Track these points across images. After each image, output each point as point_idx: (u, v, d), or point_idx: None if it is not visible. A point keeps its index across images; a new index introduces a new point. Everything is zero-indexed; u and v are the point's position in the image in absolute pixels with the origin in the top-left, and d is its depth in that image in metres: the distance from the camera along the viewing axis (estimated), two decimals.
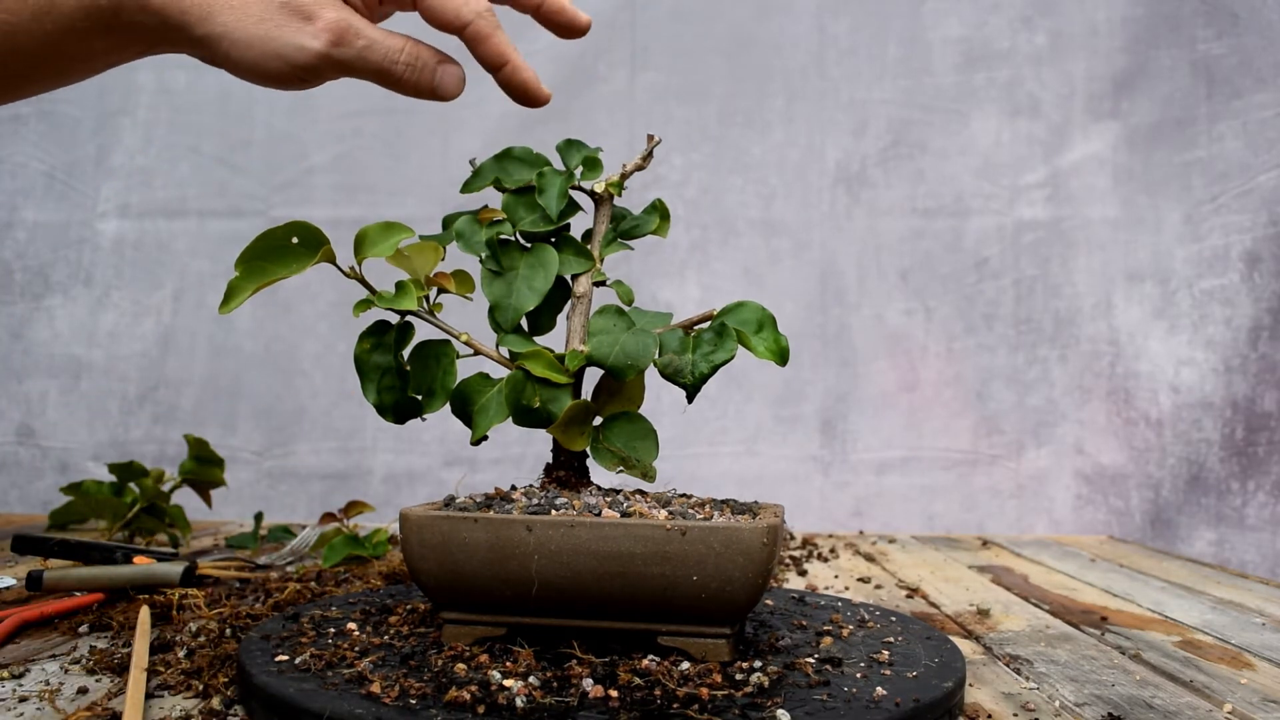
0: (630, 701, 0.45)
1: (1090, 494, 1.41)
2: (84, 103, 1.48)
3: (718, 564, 0.49)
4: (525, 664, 0.50)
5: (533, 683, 0.46)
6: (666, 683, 0.47)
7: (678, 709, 0.44)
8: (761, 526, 0.50)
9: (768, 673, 0.49)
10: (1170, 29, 1.40)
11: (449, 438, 1.45)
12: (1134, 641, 0.70)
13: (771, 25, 1.47)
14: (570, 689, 0.46)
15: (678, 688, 0.47)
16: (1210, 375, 1.37)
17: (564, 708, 0.44)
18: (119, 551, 0.82)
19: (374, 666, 0.49)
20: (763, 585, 0.51)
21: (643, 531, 0.50)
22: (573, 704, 0.44)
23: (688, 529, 0.50)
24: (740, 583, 0.50)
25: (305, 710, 0.44)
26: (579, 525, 0.50)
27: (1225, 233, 1.37)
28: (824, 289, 1.46)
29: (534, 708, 0.44)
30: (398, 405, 0.59)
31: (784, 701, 0.45)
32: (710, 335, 0.58)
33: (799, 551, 1.10)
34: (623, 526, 0.50)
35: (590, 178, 0.61)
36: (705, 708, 0.44)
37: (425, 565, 0.52)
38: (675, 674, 0.49)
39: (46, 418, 1.47)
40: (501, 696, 0.45)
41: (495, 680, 0.47)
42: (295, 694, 0.45)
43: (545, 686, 0.47)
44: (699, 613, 0.51)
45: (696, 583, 0.50)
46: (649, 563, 0.50)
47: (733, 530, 0.49)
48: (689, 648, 0.51)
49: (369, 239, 0.58)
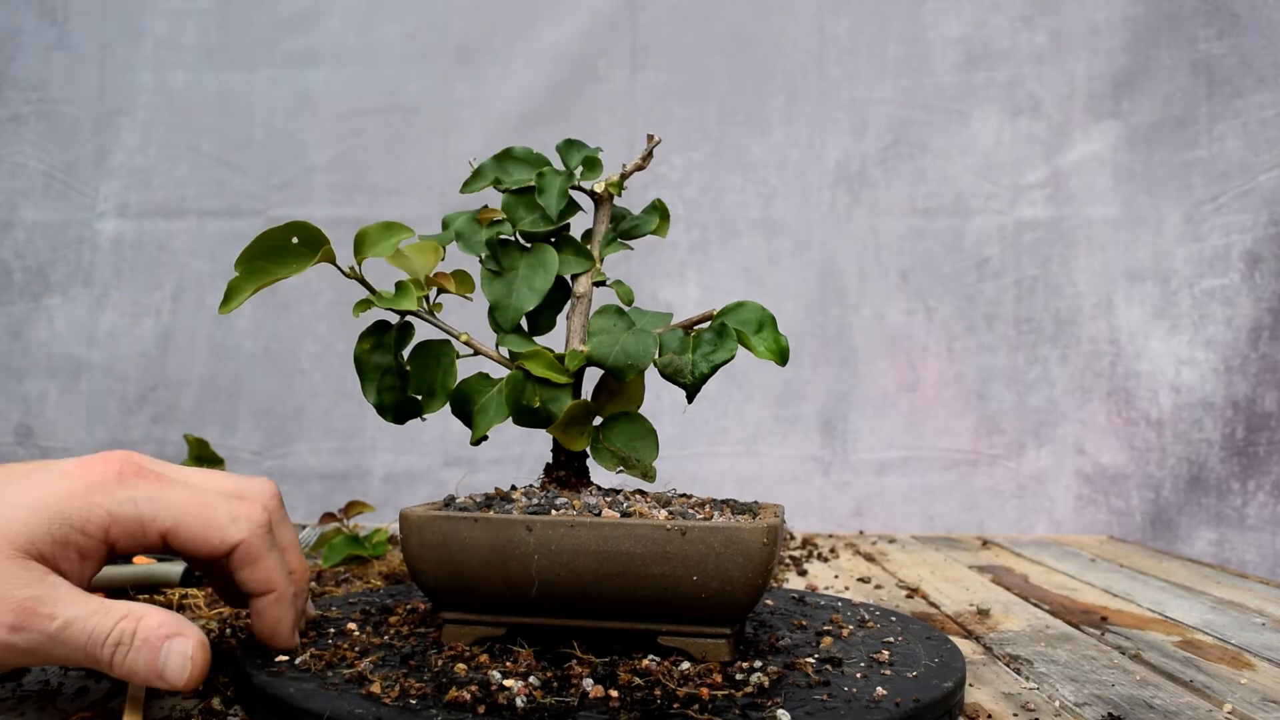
0: (630, 701, 0.45)
1: (1091, 494, 1.41)
2: (83, 102, 1.48)
3: (718, 564, 0.49)
4: (525, 664, 0.49)
5: (533, 683, 0.46)
6: (667, 683, 0.47)
7: (678, 709, 0.44)
8: (761, 526, 0.50)
9: (768, 673, 0.49)
10: (1171, 28, 1.40)
11: (449, 438, 1.44)
12: (1134, 641, 0.70)
13: (771, 25, 1.47)
14: (570, 689, 0.46)
15: (678, 688, 0.47)
16: (1211, 375, 1.37)
17: (564, 708, 0.44)
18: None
19: (374, 667, 0.49)
20: (763, 585, 0.51)
21: (643, 531, 0.50)
22: (573, 704, 0.44)
23: (688, 529, 0.50)
24: (740, 583, 0.50)
25: (304, 710, 0.44)
26: (579, 525, 0.50)
27: (1226, 232, 1.37)
28: (824, 289, 1.46)
29: (534, 708, 0.44)
30: (398, 405, 0.59)
31: (784, 701, 0.45)
32: (710, 335, 0.57)
33: (799, 551, 1.10)
34: (623, 526, 0.50)
35: (590, 178, 0.61)
36: (705, 708, 0.44)
37: (425, 565, 0.52)
38: (675, 674, 0.48)
39: (46, 418, 1.47)
40: (502, 696, 0.45)
41: (495, 680, 0.47)
42: (295, 694, 0.45)
43: (545, 686, 0.46)
44: (699, 613, 0.51)
45: (697, 583, 0.50)
46: (649, 563, 0.50)
47: (733, 530, 0.49)
48: (689, 648, 0.51)
49: (369, 239, 0.58)
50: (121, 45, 1.49)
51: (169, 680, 0.44)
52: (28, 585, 0.43)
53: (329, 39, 1.48)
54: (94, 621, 0.43)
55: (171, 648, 0.44)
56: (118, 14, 1.49)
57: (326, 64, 1.48)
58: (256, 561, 0.49)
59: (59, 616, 0.43)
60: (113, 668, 0.44)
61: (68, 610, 0.43)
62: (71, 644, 0.43)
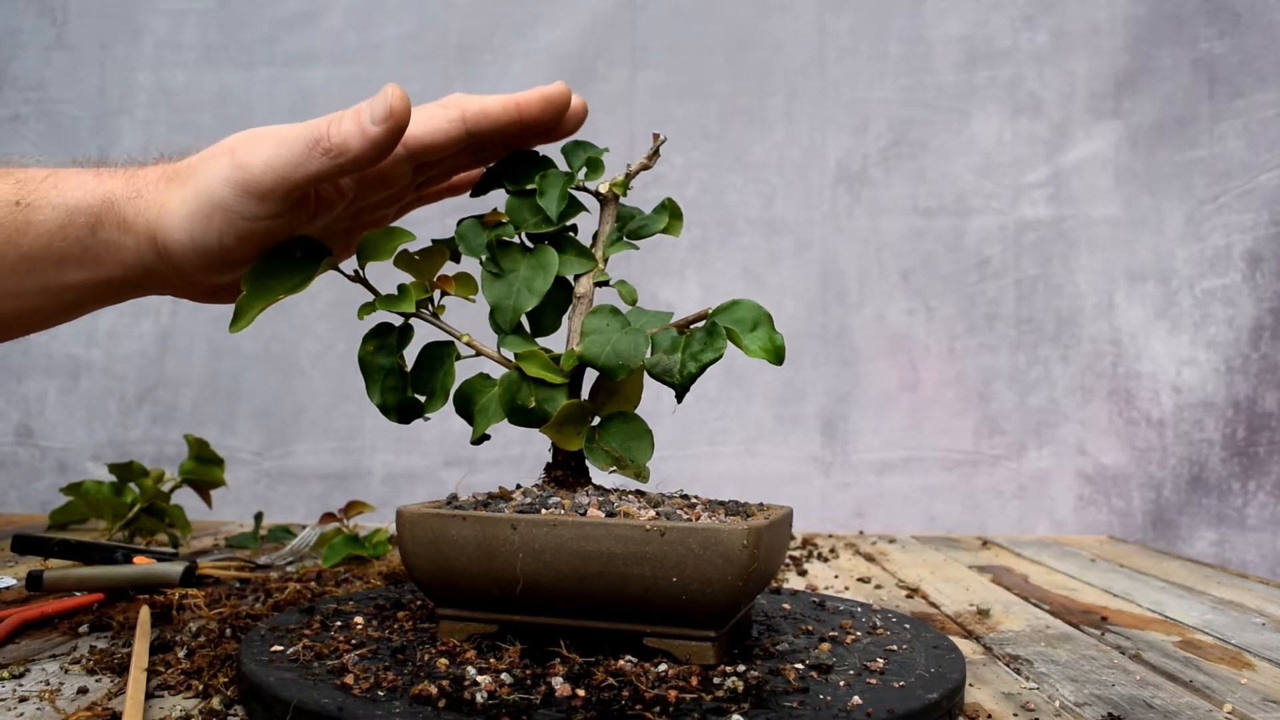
0: (594, 702, 0.45)
1: (1092, 494, 1.41)
2: (83, 102, 1.48)
3: (697, 565, 0.49)
4: (509, 661, 0.50)
5: (503, 679, 0.47)
6: (639, 684, 0.47)
7: (638, 710, 0.44)
8: (741, 529, 0.49)
9: (747, 678, 0.49)
10: (1172, 28, 1.40)
11: (449, 438, 1.44)
12: (1134, 641, 0.70)
13: (772, 24, 1.47)
14: (539, 687, 0.46)
15: (649, 690, 0.46)
16: (1212, 375, 1.37)
17: (525, 704, 0.44)
18: (119, 551, 0.82)
19: (360, 659, 0.50)
20: (743, 588, 0.50)
21: (622, 532, 0.50)
22: (534, 701, 0.44)
23: (666, 529, 0.49)
24: (719, 585, 0.49)
25: (276, 698, 0.45)
26: (561, 524, 0.50)
27: (1227, 232, 1.37)
28: (825, 288, 1.46)
29: (494, 704, 0.44)
30: (401, 405, 0.59)
31: (750, 707, 0.44)
32: (701, 335, 0.57)
33: (799, 551, 1.10)
34: (604, 526, 0.50)
35: (594, 178, 0.61)
36: (667, 710, 0.44)
37: (419, 562, 0.53)
38: (651, 675, 0.48)
39: (46, 418, 1.47)
40: (468, 692, 0.45)
41: (470, 676, 0.47)
42: (273, 683, 0.46)
43: (517, 684, 0.47)
44: (680, 614, 0.50)
45: (676, 584, 0.49)
46: (629, 563, 0.50)
47: (711, 532, 0.49)
48: (673, 650, 0.51)
49: (371, 244, 0.58)
50: (121, 45, 1.49)
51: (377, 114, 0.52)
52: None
53: (328, 38, 1.48)
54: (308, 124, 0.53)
55: (370, 103, 0.53)
56: (117, 13, 1.49)
57: (326, 63, 1.48)
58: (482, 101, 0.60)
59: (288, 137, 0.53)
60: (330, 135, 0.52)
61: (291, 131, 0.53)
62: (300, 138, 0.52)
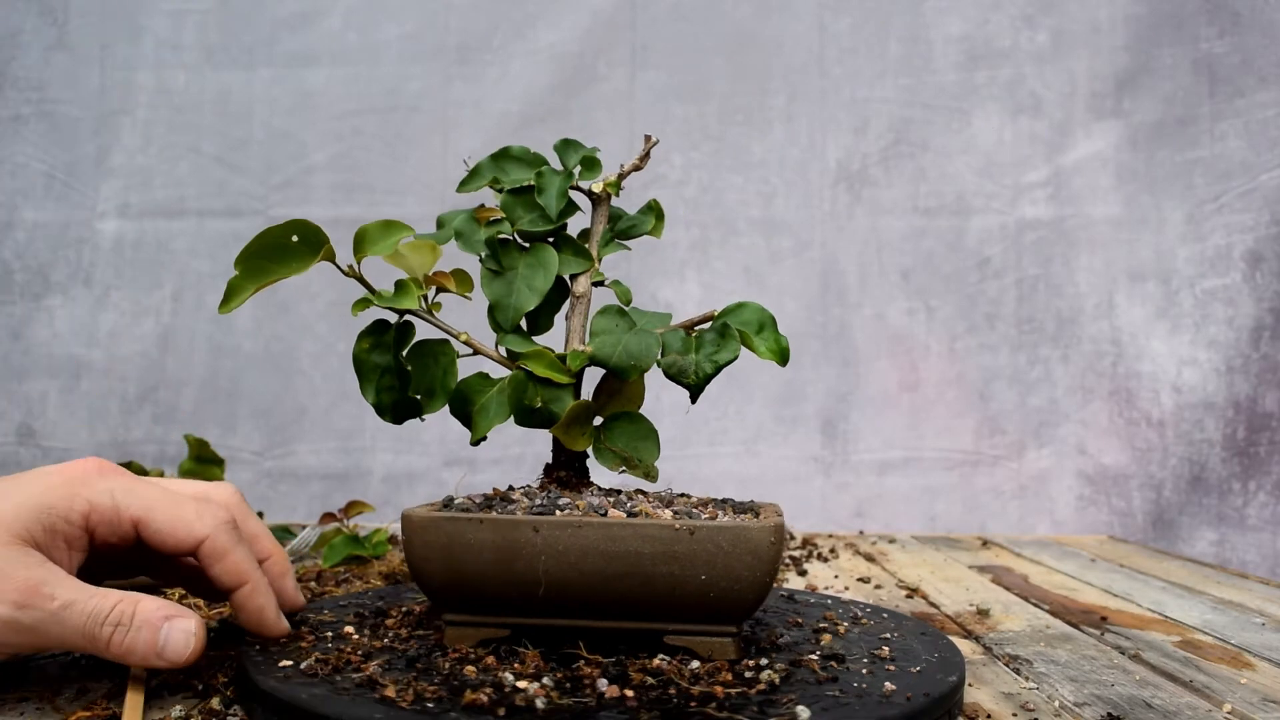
0: (648, 701, 0.45)
1: (1092, 494, 1.41)
2: (83, 102, 1.48)
3: (726, 563, 0.50)
4: (534, 666, 0.49)
5: (547, 684, 0.46)
6: (679, 681, 0.47)
7: (696, 707, 0.44)
8: (769, 525, 0.50)
9: (776, 670, 0.49)
10: (1173, 27, 1.40)
11: (449, 438, 1.44)
12: (1134, 641, 0.69)
13: (772, 24, 1.47)
14: (585, 689, 0.46)
15: (690, 686, 0.47)
16: (1212, 375, 1.37)
17: (583, 708, 0.44)
18: None
19: (382, 670, 0.49)
20: (769, 583, 0.51)
21: (651, 531, 0.50)
22: (591, 705, 0.44)
23: (696, 528, 0.50)
24: (748, 581, 0.50)
25: (321, 715, 0.43)
26: (586, 525, 0.50)
27: (1227, 232, 1.37)
28: (825, 288, 1.46)
29: (554, 709, 0.43)
30: (397, 405, 0.59)
31: (799, 698, 0.45)
32: (713, 335, 0.58)
33: (799, 551, 1.10)
34: (630, 526, 0.50)
35: (588, 177, 0.61)
36: (724, 706, 0.44)
37: (429, 567, 0.52)
38: (686, 672, 0.49)
39: (46, 418, 1.47)
40: (519, 699, 0.44)
41: (508, 682, 0.47)
42: (308, 699, 0.44)
43: (559, 687, 0.46)
44: (707, 611, 0.51)
45: (705, 581, 0.50)
46: (657, 562, 0.50)
47: (741, 529, 0.50)
48: (695, 646, 0.51)
49: (369, 237, 0.57)
50: (121, 45, 1.49)
51: (169, 658, 0.47)
52: (29, 568, 0.46)
53: (328, 39, 1.48)
54: (93, 603, 0.46)
55: (174, 626, 0.47)
56: (118, 14, 1.49)
57: (326, 64, 1.48)
58: (225, 556, 0.51)
59: (59, 598, 0.46)
60: (110, 647, 0.46)
61: (67, 593, 0.46)
62: (71, 624, 0.46)
